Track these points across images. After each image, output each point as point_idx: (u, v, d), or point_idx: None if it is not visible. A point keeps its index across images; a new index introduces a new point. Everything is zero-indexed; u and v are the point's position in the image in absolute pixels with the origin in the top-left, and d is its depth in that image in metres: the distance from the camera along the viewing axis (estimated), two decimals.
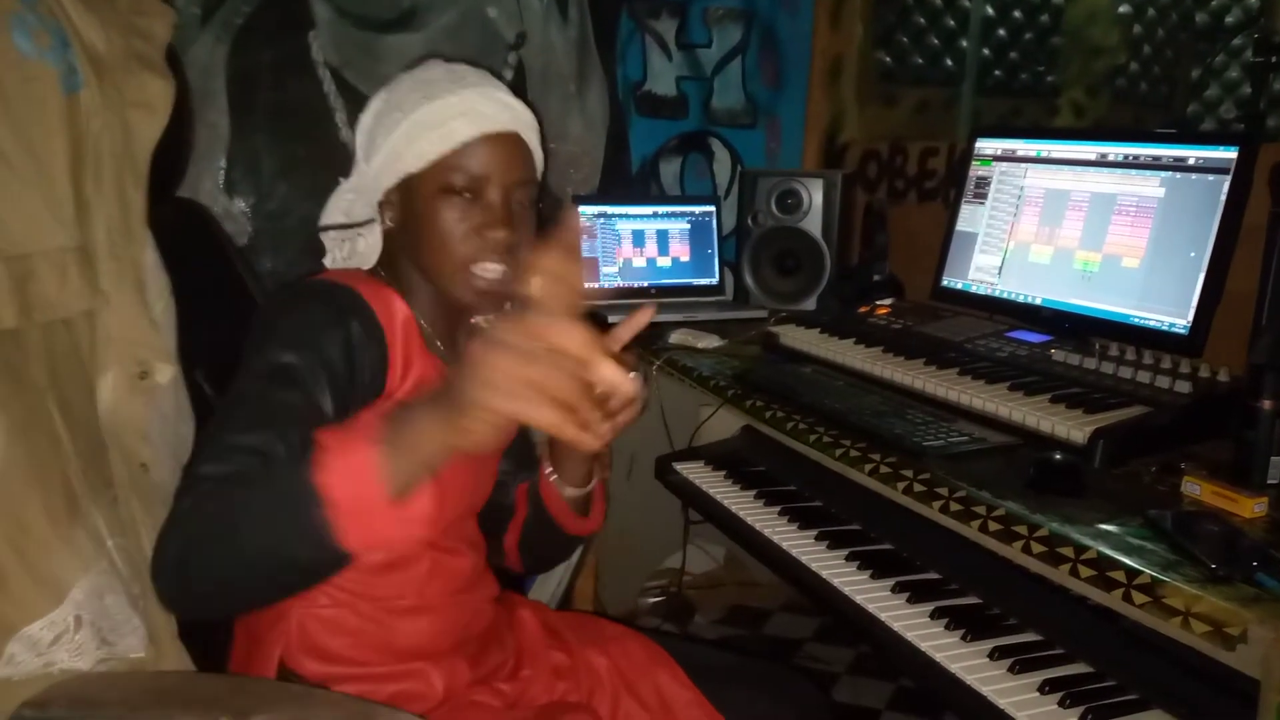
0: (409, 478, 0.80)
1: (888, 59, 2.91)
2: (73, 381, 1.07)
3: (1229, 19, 2.89)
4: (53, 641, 0.98)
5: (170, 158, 1.26)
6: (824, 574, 1.50)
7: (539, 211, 1.22)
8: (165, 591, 0.91)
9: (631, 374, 0.79)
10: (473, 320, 1.22)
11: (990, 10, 2.89)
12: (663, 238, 2.55)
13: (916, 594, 1.41)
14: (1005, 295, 1.87)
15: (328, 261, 1.20)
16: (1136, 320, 1.62)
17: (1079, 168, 1.77)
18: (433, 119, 1.08)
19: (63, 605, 0.99)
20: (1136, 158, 1.67)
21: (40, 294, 1.03)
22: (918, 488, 1.34)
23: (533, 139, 1.17)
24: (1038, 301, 1.80)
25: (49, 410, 1.02)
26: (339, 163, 1.25)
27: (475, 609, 1.22)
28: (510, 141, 1.12)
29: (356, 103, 1.17)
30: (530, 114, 1.16)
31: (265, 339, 1.02)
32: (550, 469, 1.25)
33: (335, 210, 1.18)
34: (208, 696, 0.98)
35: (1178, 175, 1.60)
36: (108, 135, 1.13)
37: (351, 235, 1.16)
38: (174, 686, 1.03)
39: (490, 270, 1.11)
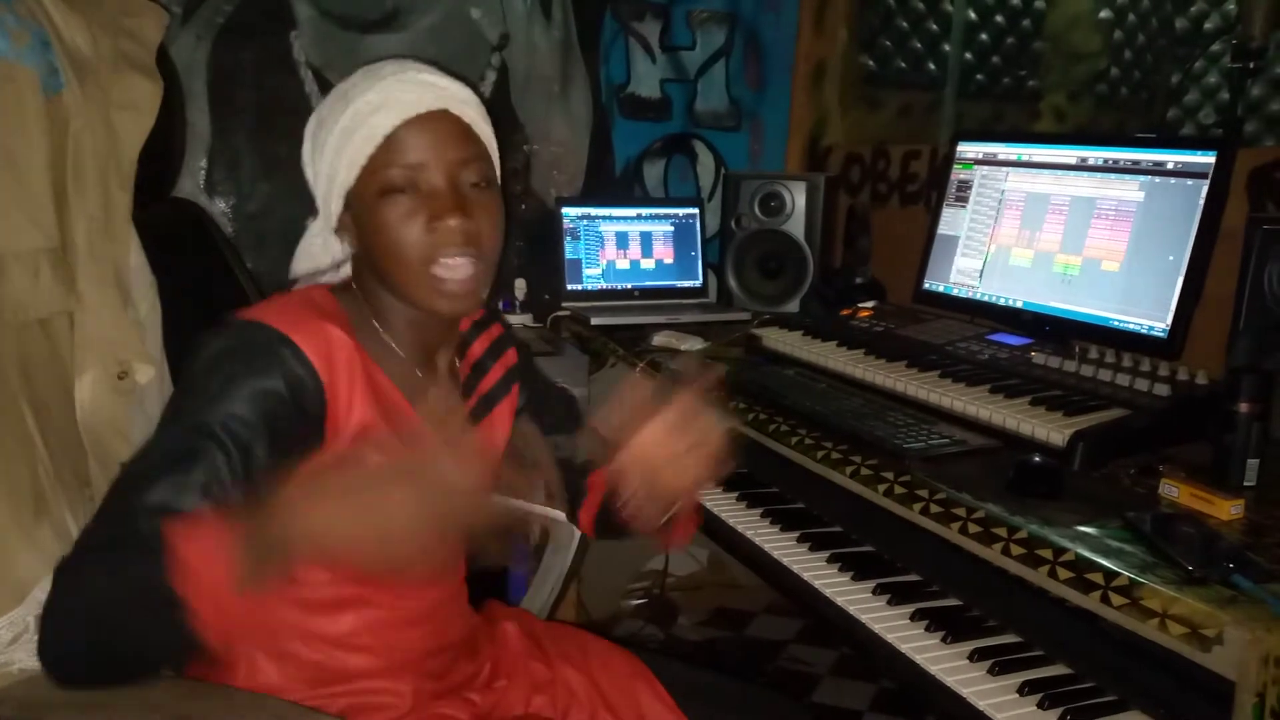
0: (262, 575, 0.79)
1: (871, 63, 2.92)
2: (48, 382, 1.07)
3: (1208, 25, 2.92)
4: (12, 641, 0.97)
5: (163, 158, 1.26)
6: (805, 576, 1.50)
7: (523, 213, 1.19)
8: (45, 664, 0.86)
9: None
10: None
11: (973, 15, 2.91)
12: (646, 240, 2.55)
13: (897, 596, 1.41)
14: (986, 298, 1.87)
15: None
16: (1116, 323, 1.62)
17: (1059, 172, 1.78)
18: (353, 123, 1.00)
19: (23, 604, 0.99)
20: (1116, 162, 1.68)
21: (11, 295, 1.03)
22: (898, 490, 1.34)
23: (470, 113, 1.05)
24: (1018, 304, 1.81)
25: (20, 410, 1.02)
26: None
27: (440, 631, 1.15)
28: (440, 120, 1.02)
29: None
30: (462, 87, 1.05)
31: (189, 399, 0.94)
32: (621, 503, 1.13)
33: (305, 257, 1.11)
34: (155, 701, 0.95)
35: (1157, 180, 1.61)
36: (90, 136, 1.13)
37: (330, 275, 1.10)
38: (126, 690, 1.01)
39: (453, 265, 1.01)
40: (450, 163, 1.01)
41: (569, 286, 2.47)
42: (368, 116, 0.99)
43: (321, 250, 1.10)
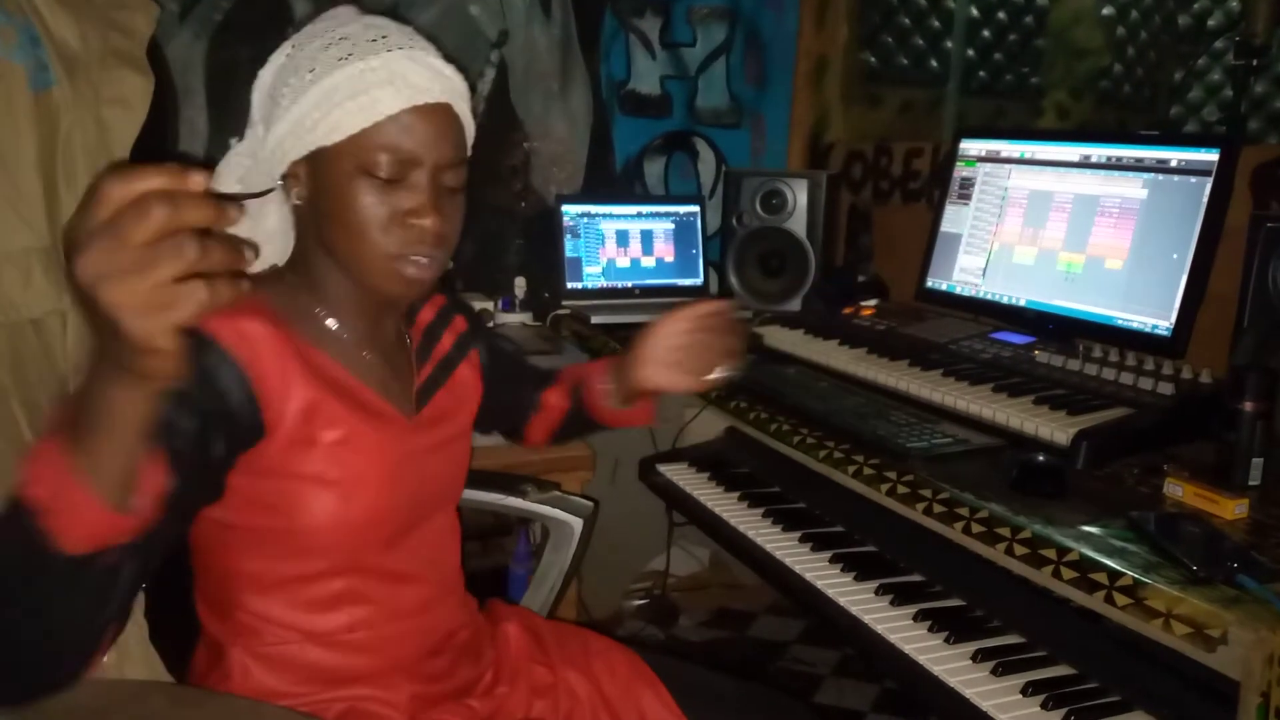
0: (111, 461, 0.71)
1: (873, 59, 2.91)
2: (41, 382, 1.06)
3: (1211, 22, 2.91)
4: None
5: (154, 154, 1.25)
6: (807, 576, 1.50)
7: (522, 210, 1.18)
8: None
9: None
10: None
11: (975, 12, 2.90)
12: (647, 238, 2.54)
13: (900, 596, 1.41)
14: (989, 296, 1.87)
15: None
16: (1120, 322, 1.62)
17: (1063, 169, 1.77)
18: (351, 86, 0.93)
19: None
20: (1119, 159, 1.67)
21: (2, 294, 1.02)
22: (901, 489, 1.34)
23: (465, 111, 1.02)
24: (1021, 303, 1.80)
25: (13, 412, 1.01)
26: None
27: (438, 630, 1.14)
28: (441, 115, 0.98)
29: None
30: (463, 80, 1.01)
31: None
32: (604, 385, 1.33)
33: (226, 176, 1.01)
34: (152, 708, 0.94)
35: (1160, 177, 1.60)
36: (81, 132, 1.12)
37: (253, 211, 1.01)
38: (122, 697, 0.99)
39: (417, 262, 0.98)
40: (439, 162, 0.98)
41: (569, 285, 2.46)
42: (372, 86, 0.93)
43: (244, 175, 1.01)
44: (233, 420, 0.92)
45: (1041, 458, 1.32)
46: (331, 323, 1.03)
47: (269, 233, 1.02)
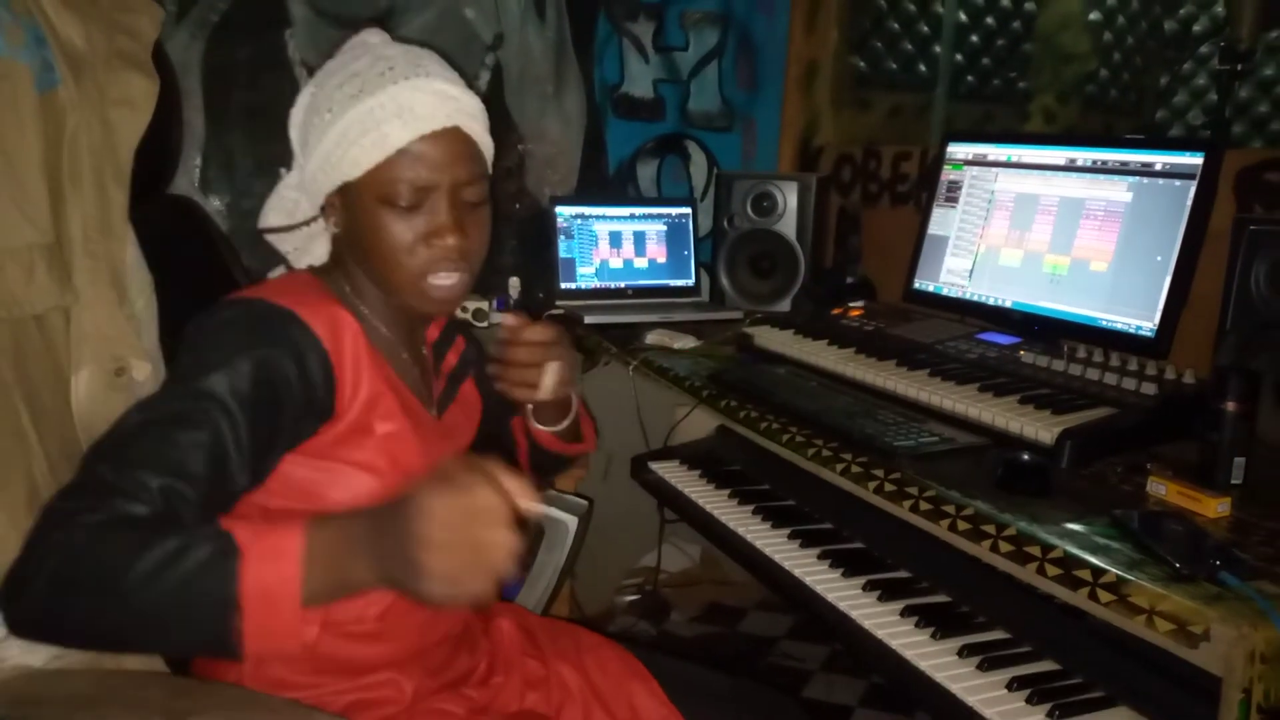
0: (325, 598, 0.79)
1: (862, 64, 2.93)
2: (44, 378, 1.07)
3: (1196, 28, 2.94)
4: (5, 637, 0.97)
5: (160, 155, 1.26)
6: (796, 572, 1.51)
7: (517, 212, 1.20)
8: (14, 619, 0.82)
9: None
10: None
11: (963, 17, 2.92)
12: (639, 239, 2.56)
13: (887, 592, 1.43)
14: (976, 298, 1.89)
15: (292, 262, 1.14)
16: (1104, 323, 1.64)
17: (1049, 173, 1.79)
18: (364, 122, 0.99)
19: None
20: (1105, 163, 1.69)
21: (6, 290, 1.03)
22: (888, 487, 1.35)
23: (477, 128, 1.06)
24: (1008, 304, 1.82)
25: (15, 406, 1.02)
26: None
27: (445, 620, 1.16)
28: (452, 138, 1.02)
29: None
30: (473, 99, 1.06)
31: (191, 365, 0.93)
32: (531, 420, 1.30)
33: (277, 211, 1.12)
34: (148, 698, 0.95)
35: (1145, 180, 1.62)
36: (86, 132, 1.13)
37: (299, 235, 1.11)
38: (119, 686, 1.00)
39: (445, 280, 1.04)
40: (455, 183, 1.03)
41: (562, 285, 2.48)
42: (380, 123, 0.99)
43: (294, 206, 1.11)
44: (310, 401, 0.98)
45: (1026, 456, 1.34)
46: (380, 326, 1.10)
47: (314, 252, 1.11)
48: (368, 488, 1.02)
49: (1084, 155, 1.74)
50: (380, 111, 0.99)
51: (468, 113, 1.04)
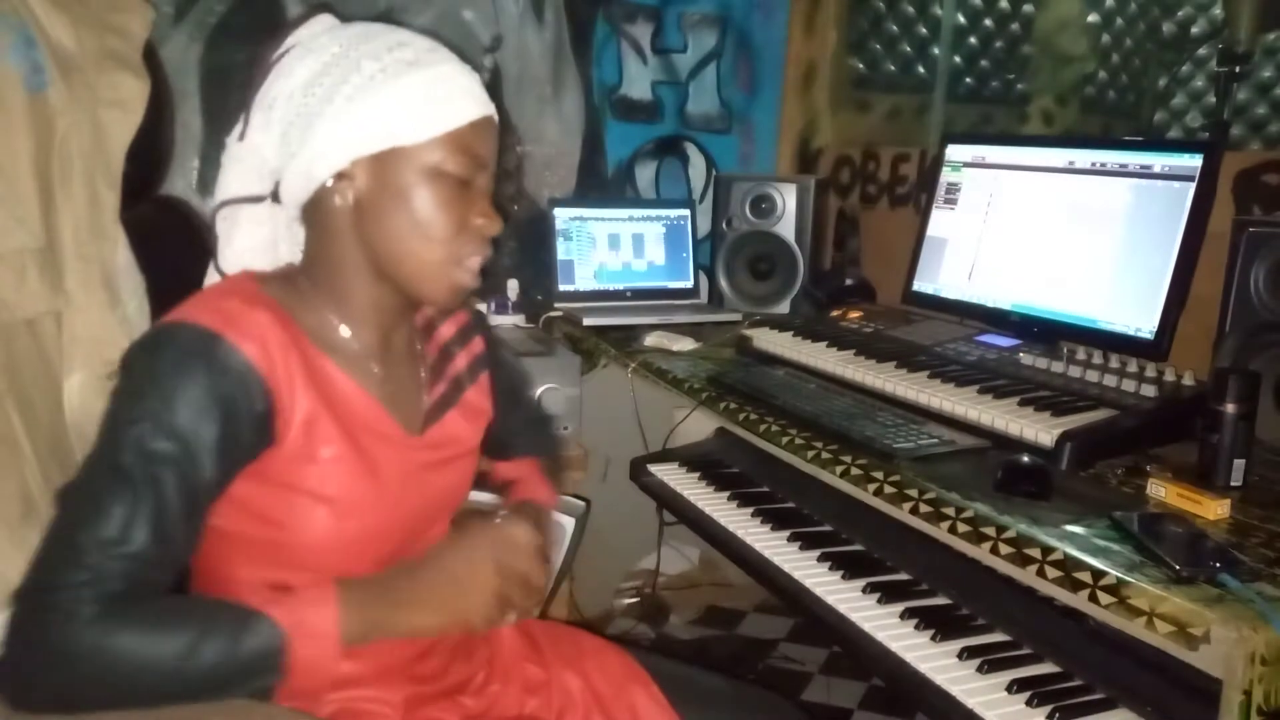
0: (366, 640, 0.90)
1: (861, 65, 2.93)
2: (36, 382, 1.06)
3: (1195, 29, 2.93)
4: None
5: (151, 156, 1.25)
6: (796, 575, 1.51)
7: (515, 214, 1.20)
8: (26, 705, 0.83)
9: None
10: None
11: (962, 19, 2.91)
12: (638, 241, 2.56)
13: (887, 594, 1.42)
14: (975, 300, 1.89)
15: (218, 258, 1.05)
16: (1103, 325, 1.64)
17: (1048, 174, 1.79)
18: (434, 90, 0.96)
19: (11, 608, 0.98)
20: (1104, 165, 1.69)
21: None
22: (888, 489, 1.35)
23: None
24: (1007, 306, 1.82)
25: (7, 412, 1.01)
26: None
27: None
28: (493, 126, 1.04)
29: None
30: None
31: (132, 409, 0.89)
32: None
33: (236, 179, 1.02)
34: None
35: (1144, 182, 1.62)
36: (77, 134, 1.12)
37: (244, 218, 1.03)
38: None
39: (472, 264, 1.02)
40: (493, 170, 1.04)
41: (561, 287, 2.47)
42: (454, 94, 0.97)
43: (257, 173, 1.01)
44: (252, 428, 0.93)
45: (1026, 458, 1.34)
46: (344, 330, 1.03)
47: (258, 241, 1.03)
48: (320, 517, 0.97)
49: (1083, 157, 1.73)
50: (449, 84, 0.98)
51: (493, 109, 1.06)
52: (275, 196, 1.02)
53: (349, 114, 0.95)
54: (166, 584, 0.90)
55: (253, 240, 1.04)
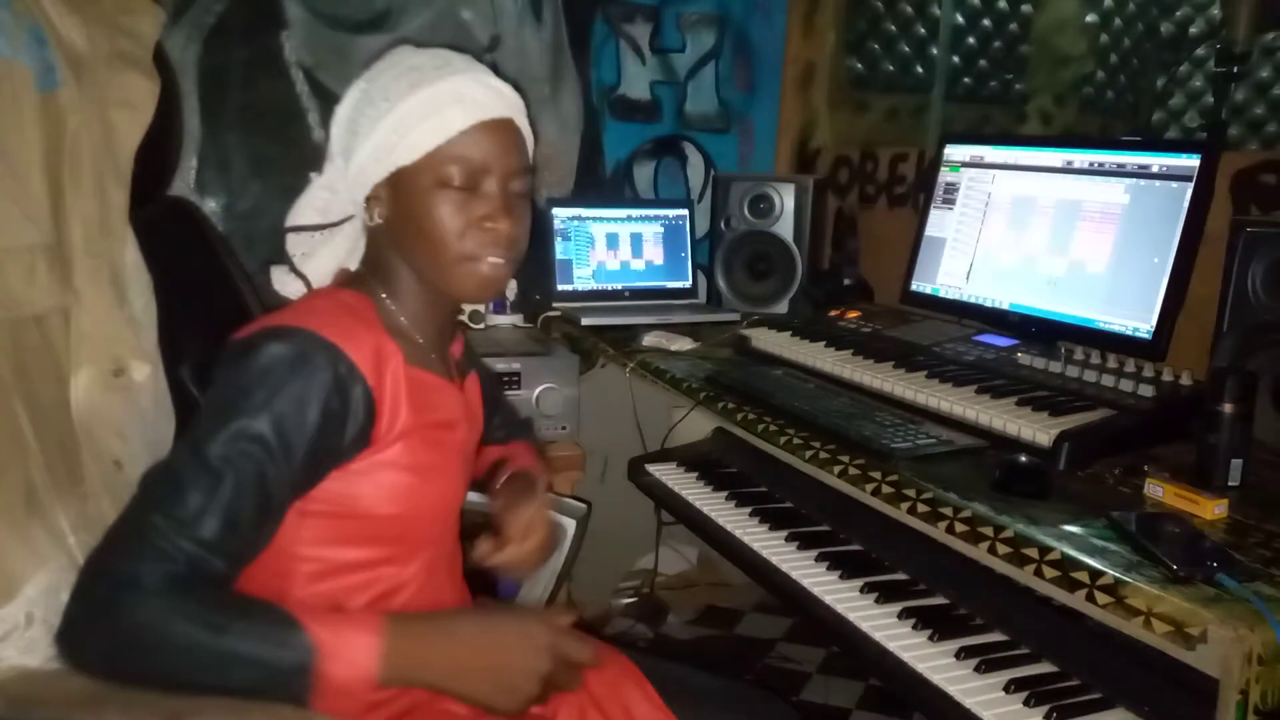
0: (404, 682, 0.93)
1: (859, 66, 2.93)
2: (43, 378, 1.07)
3: (1193, 30, 2.93)
4: (2, 637, 0.97)
5: (159, 156, 1.26)
6: (794, 574, 1.51)
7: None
8: (73, 663, 0.89)
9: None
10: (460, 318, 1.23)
11: (960, 19, 2.92)
12: (636, 241, 2.56)
13: (885, 594, 1.43)
14: (973, 300, 1.89)
15: (297, 265, 1.14)
16: (1101, 325, 1.64)
17: (1046, 174, 1.79)
18: (425, 108, 1.03)
19: (14, 601, 0.99)
20: (1102, 165, 1.70)
21: (6, 291, 1.03)
22: (886, 489, 1.35)
23: (524, 123, 1.12)
24: (1005, 306, 1.82)
25: (13, 407, 1.02)
26: (311, 163, 1.21)
27: (433, 604, 1.17)
28: (505, 128, 1.07)
29: (329, 103, 1.14)
30: (518, 97, 1.12)
31: (238, 402, 0.93)
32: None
33: (308, 209, 1.13)
34: (146, 698, 0.95)
35: (1142, 182, 1.62)
36: (87, 133, 1.13)
37: (326, 236, 1.13)
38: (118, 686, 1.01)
39: (492, 261, 1.07)
40: (506, 171, 1.07)
41: (559, 287, 2.48)
42: (442, 107, 1.03)
43: (325, 205, 1.13)
44: (353, 435, 1.00)
45: (1024, 458, 1.34)
46: (408, 325, 1.11)
47: (342, 254, 1.14)
48: (403, 488, 1.06)
49: (1081, 157, 1.74)
50: (440, 98, 1.03)
51: (518, 108, 1.10)
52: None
53: (366, 145, 1.05)
54: (230, 577, 0.93)
55: (336, 256, 1.15)
